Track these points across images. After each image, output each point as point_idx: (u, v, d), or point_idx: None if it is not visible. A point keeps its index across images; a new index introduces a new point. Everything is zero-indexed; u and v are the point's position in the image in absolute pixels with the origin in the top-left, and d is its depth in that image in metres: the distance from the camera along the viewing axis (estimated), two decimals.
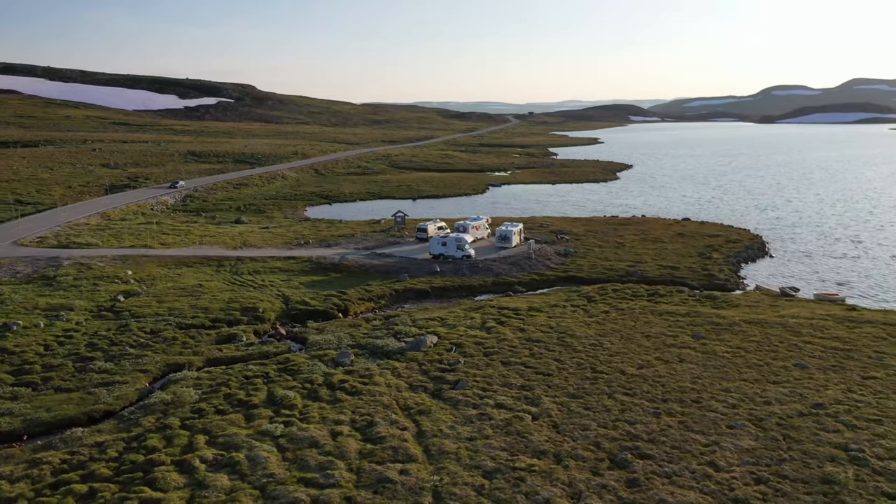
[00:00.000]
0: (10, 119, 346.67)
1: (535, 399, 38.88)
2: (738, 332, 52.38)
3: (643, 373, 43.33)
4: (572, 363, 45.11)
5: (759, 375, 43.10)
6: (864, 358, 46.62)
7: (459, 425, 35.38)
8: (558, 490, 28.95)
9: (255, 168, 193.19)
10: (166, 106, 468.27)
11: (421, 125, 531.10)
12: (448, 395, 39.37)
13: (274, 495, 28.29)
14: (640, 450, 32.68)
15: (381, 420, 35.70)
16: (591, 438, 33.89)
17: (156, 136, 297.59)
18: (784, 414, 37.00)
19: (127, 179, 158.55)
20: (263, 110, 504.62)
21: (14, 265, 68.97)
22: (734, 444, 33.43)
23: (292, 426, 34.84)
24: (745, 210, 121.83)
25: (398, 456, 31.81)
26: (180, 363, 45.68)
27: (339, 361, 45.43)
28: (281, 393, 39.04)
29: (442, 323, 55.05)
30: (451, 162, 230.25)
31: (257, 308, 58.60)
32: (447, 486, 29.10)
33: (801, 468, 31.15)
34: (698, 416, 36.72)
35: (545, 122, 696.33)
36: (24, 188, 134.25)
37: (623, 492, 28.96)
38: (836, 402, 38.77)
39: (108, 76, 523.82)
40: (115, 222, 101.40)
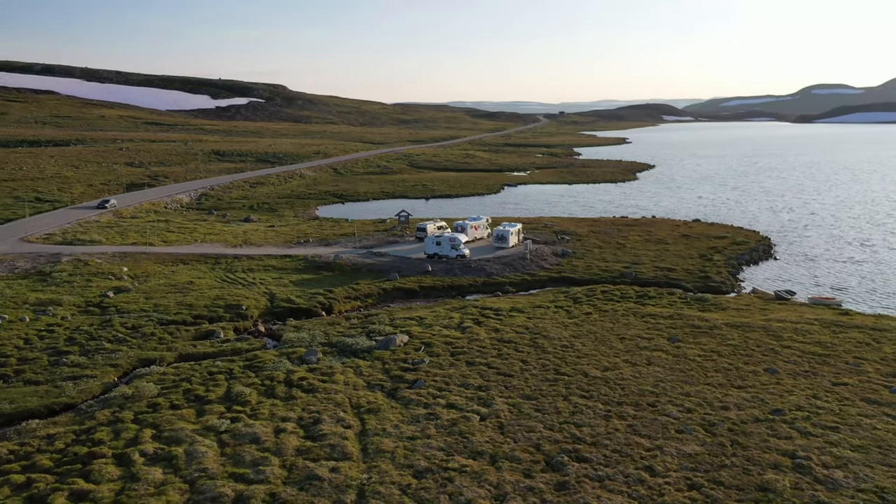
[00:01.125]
0: (47, 119, 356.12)
1: (488, 400, 38.75)
2: (717, 335, 51.49)
3: (606, 375, 42.87)
4: (537, 364, 44.83)
5: (724, 380, 42.34)
6: (841, 364, 45.48)
7: (404, 424, 35.44)
8: (484, 491, 28.83)
9: (275, 167, 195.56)
10: (198, 106, 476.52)
11: (449, 125, 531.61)
12: (402, 395, 39.45)
13: (201, 489, 28.69)
14: (580, 452, 32.36)
15: (327, 418, 35.93)
16: (532, 440, 33.66)
17: (185, 136, 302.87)
18: (739, 419, 36.30)
19: (148, 178, 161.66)
20: (293, 110, 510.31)
21: (15, 261, 70.96)
22: (678, 449, 32.91)
23: (239, 422, 35.26)
24: (759, 212, 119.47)
25: (334, 454, 31.99)
26: (152, 358, 46.54)
27: (306, 359, 45.81)
28: (238, 389, 39.52)
29: (419, 322, 55.13)
30: (471, 162, 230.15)
31: (241, 305, 59.34)
32: (374, 484, 29.18)
33: (739, 475, 30.54)
34: (650, 419, 36.22)
35: (575, 121, 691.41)
36: (47, 186, 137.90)
37: (549, 494, 28.73)
38: (797, 408, 37.91)
39: (142, 77, 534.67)
40: (125, 220, 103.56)
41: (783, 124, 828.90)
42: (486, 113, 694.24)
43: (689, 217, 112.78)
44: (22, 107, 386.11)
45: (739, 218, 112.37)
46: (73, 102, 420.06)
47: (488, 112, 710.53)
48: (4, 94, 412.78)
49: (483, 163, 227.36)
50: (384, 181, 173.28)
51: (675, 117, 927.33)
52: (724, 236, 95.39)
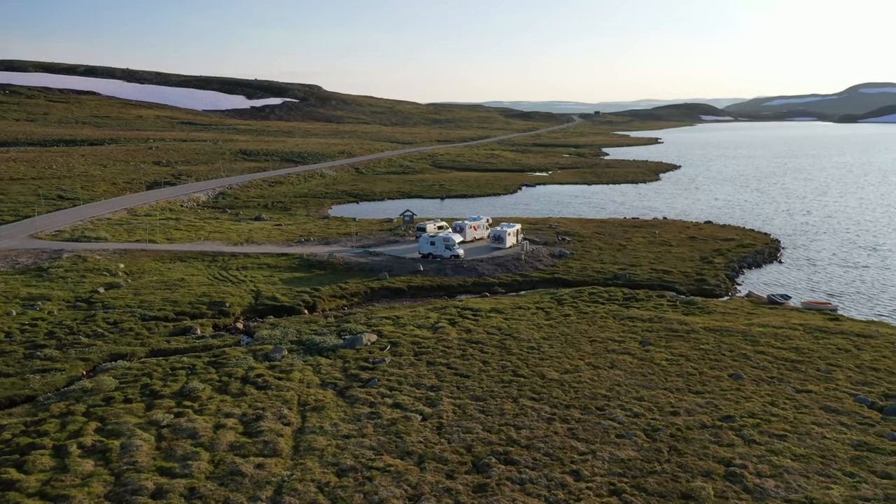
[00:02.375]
0: (87, 119, 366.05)
1: (435, 400, 38.73)
2: (692, 339, 50.60)
3: (564, 378, 42.47)
4: (498, 366, 44.63)
5: (684, 385, 41.60)
6: (812, 370, 44.32)
7: (344, 423, 35.65)
8: (400, 491, 28.86)
9: (297, 166, 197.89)
10: (234, 106, 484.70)
11: (481, 125, 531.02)
12: (351, 393, 39.68)
13: (125, 482, 29.31)
14: (510, 455, 32.16)
15: (270, 415, 36.34)
16: (466, 442, 33.55)
17: (216, 136, 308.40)
18: (685, 425, 35.64)
19: (171, 177, 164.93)
20: (326, 110, 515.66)
21: (18, 256, 73.23)
22: (612, 454, 32.46)
23: (182, 417, 35.89)
24: (774, 214, 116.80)
25: (265, 450, 32.35)
26: (124, 353, 47.60)
27: (270, 356, 46.37)
28: (193, 385, 40.17)
29: (395, 322, 55.32)
30: (494, 162, 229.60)
31: (224, 302, 60.26)
32: (294, 481, 29.44)
33: (666, 482, 30.00)
34: (593, 423, 35.79)
35: (610, 121, 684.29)
36: (71, 184, 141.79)
37: (465, 496, 28.63)
38: (749, 415, 37.06)
39: (181, 78, 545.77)
40: (137, 218, 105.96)
41: (825, 124, 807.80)
42: (519, 113, 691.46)
43: (701, 219, 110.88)
44: (64, 107, 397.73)
45: (753, 220, 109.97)
46: (112, 103, 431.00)
47: (522, 112, 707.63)
48: (48, 95, 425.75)
49: (506, 163, 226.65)
50: (403, 181, 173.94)
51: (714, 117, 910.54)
52: (731, 238, 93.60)
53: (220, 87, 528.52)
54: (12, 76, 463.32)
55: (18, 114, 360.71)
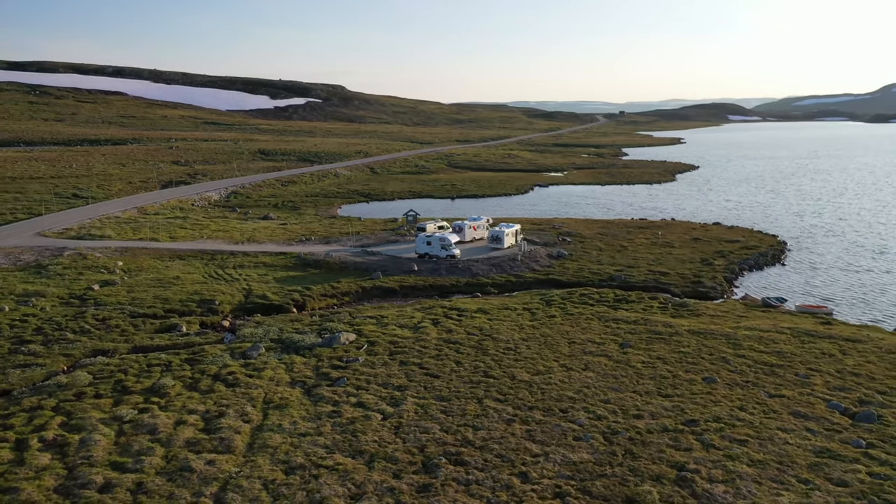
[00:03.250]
0: (113, 119, 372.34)
1: (400, 400, 38.81)
2: (673, 342, 50.05)
3: (534, 379, 42.28)
4: (470, 366, 44.59)
5: (654, 388, 41.17)
6: (790, 375, 43.58)
7: (304, 421, 35.89)
8: (343, 490, 28.99)
9: (312, 166, 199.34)
10: (257, 106, 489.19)
11: (503, 124, 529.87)
12: (318, 392, 39.92)
13: (76, 476, 29.84)
14: (461, 456, 32.12)
15: (232, 412, 36.72)
16: (421, 442, 33.58)
17: (237, 135, 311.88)
18: (646, 429, 35.28)
19: (187, 176, 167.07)
20: (349, 110, 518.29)
21: (21, 254, 74.82)
22: (565, 456, 32.25)
23: (146, 413, 36.41)
24: (785, 216, 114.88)
25: (219, 447, 32.72)
26: (106, 349, 48.39)
27: (247, 354, 46.84)
28: (163, 381, 40.73)
29: (378, 321, 55.51)
30: (510, 162, 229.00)
31: (214, 300, 60.98)
32: (241, 478, 29.74)
33: (614, 485, 29.74)
34: (553, 426, 35.59)
35: (634, 121, 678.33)
36: (87, 183, 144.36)
37: (406, 496, 28.67)
38: (714, 419, 36.57)
39: (206, 78, 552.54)
40: (146, 216, 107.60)
41: (856, 124, 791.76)
42: (543, 113, 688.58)
43: (710, 220, 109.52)
44: (92, 107, 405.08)
45: (762, 222, 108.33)
46: (139, 103, 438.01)
47: (545, 112, 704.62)
48: (77, 95, 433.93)
49: (523, 163, 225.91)
50: (416, 181, 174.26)
51: (742, 117, 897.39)
52: (736, 240, 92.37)
53: (244, 88, 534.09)
54: (43, 77, 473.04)
55: (47, 114, 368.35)
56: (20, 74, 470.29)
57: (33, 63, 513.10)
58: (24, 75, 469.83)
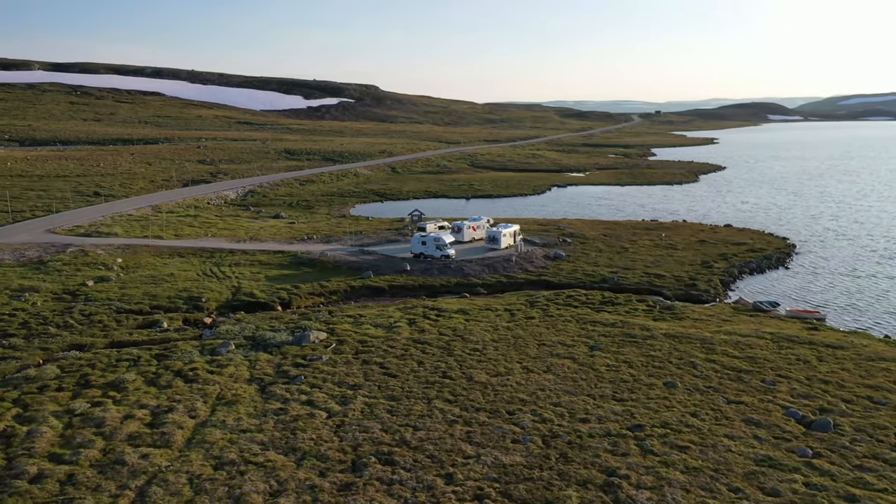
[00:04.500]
0: (149, 119, 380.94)
1: (349, 398, 39.05)
2: (646, 345, 49.35)
3: (492, 381, 42.13)
4: (431, 366, 44.62)
5: (611, 392, 40.67)
6: (756, 381, 42.65)
7: (249, 418, 36.36)
8: (264, 486, 29.32)
9: (335, 165, 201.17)
10: (291, 106, 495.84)
11: (535, 124, 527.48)
12: (272, 389, 40.39)
13: (13, 466, 30.73)
14: (393, 455, 32.20)
15: (182, 408, 37.37)
16: (357, 441, 33.75)
17: (267, 135, 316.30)
18: (588, 433, 34.90)
19: (209, 175, 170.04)
20: (381, 110, 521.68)
21: (27, 250, 77.15)
22: (497, 459, 32.08)
23: (99, 406, 37.30)
24: (800, 218, 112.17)
25: (158, 441, 33.34)
26: (83, 344, 49.66)
27: (216, 351, 47.58)
28: (125, 376, 41.65)
29: (355, 320, 55.89)
30: (533, 162, 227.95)
31: (201, 297, 62.05)
32: (169, 472, 30.29)
33: (538, 489, 29.50)
34: (494, 428, 35.42)
35: (670, 121, 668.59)
36: (111, 181, 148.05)
37: (325, 494, 28.85)
38: (662, 425, 35.99)
39: (242, 78, 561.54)
40: (158, 215, 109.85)
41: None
42: (576, 112, 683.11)
43: (722, 222, 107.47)
44: (130, 108, 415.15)
45: (775, 224, 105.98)
46: (175, 103, 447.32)
47: (579, 111, 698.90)
48: (116, 96, 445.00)
49: (546, 163, 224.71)
50: (435, 180, 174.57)
51: (782, 117, 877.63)
52: (742, 243, 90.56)
53: (278, 88, 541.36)
54: (85, 78, 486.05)
55: (87, 114, 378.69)
56: (63, 76, 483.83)
57: (76, 64, 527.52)
58: (66, 76, 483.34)
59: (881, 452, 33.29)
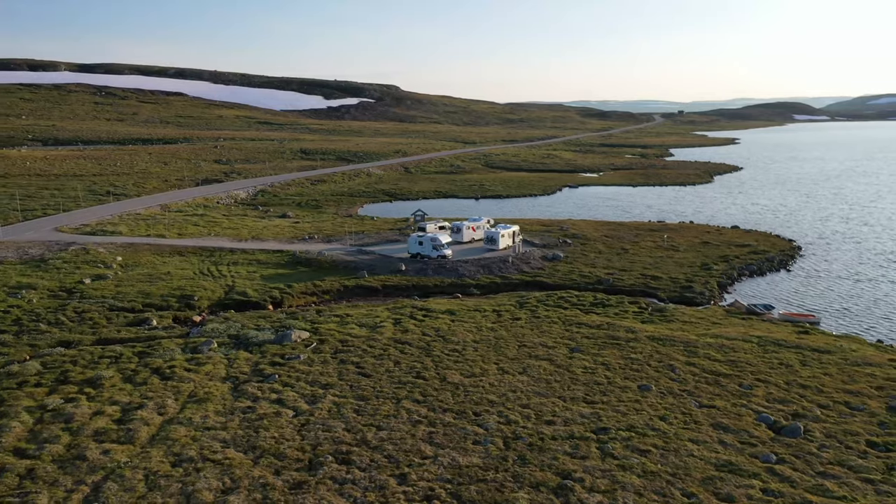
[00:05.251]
0: (171, 119, 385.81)
1: (319, 398, 39.28)
2: (628, 348, 48.99)
3: (464, 382, 42.10)
4: (407, 366, 44.71)
5: (583, 394, 40.42)
6: (733, 386, 42.14)
7: (216, 416, 36.71)
8: (218, 484, 29.60)
9: (349, 165, 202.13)
10: (311, 106, 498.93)
11: (555, 124, 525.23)
12: (244, 387, 40.74)
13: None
14: (350, 455, 32.34)
15: (152, 405, 37.85)
16: (318, 440, 33.94)
17: (286, 135, 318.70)
18: (551, 435, 34.75)
19: (223, 174, 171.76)
20: (401, 109, 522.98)
21: (30, 248, 78.62)
22: (454, 460, 32.07)
23: (71, 402, 37.91)
24: (810, 220, 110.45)
25: (123, 437, 33.82)
26: (70, 341, 50.46)
27: (198, 349, 48.08)
28: (103, 373, 42.29)
29: (341, 319, 56.15)
30: (548, 162, 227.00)
31: (194, 296, 62.73)
32: (127, 468, 30.70)
33: (489, 491, 29.44)
34: (457, 429, 35.40)
35: (692, 121, 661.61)
36: (125, 181, 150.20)
37: (277, 492, 29.05)
38: (628, 428, 35.70)
39: (263, 79, 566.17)
40: (166, 213, 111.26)
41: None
42: (597, 112, 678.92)
43: (729, 223, 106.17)
44: (152, 108, 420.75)
45: (782, 226, 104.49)
46: (197, 104, 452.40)
47: (601, 111, 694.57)
48: (139, 96, 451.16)
49: (560, 163, 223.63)
50: (446, 180, 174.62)
51: (808, 117, 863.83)
52: (746, 245, 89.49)
53: (299, 88, 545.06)
54: (109, 79, 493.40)
55: (110, 114, 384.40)
56: (88, 76, 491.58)
57: (101, 65, 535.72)
58: (91, 77, 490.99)
59: (847, 459, 32.75)
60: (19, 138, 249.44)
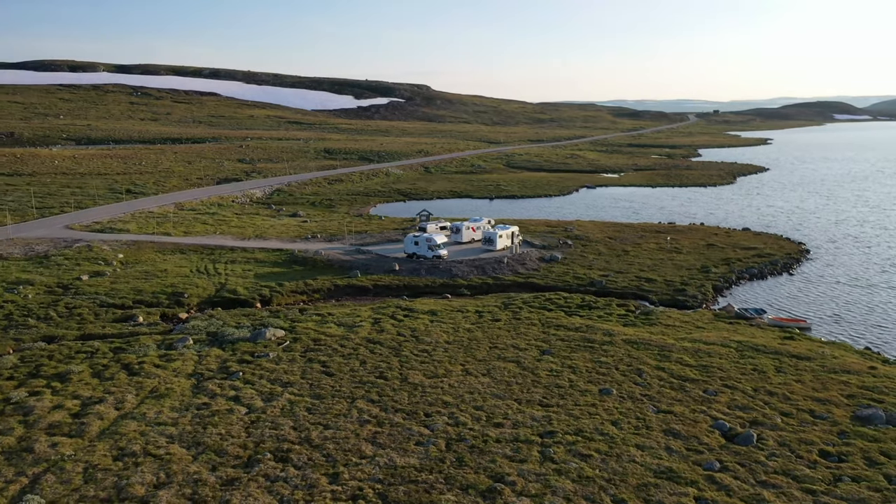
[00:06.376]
0: (203, 118, 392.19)
1: (276, 395, 39.71)
2: (601, 351, 48.50)
3: (425, 382, 42.16)
4: (372, 366, 44.93)
5: (541, 397, 40.16)
6: (697, 391, 41.45)
7: (170, 411, 37.37)
8: (151, 479, 30.14)
9: (369, 165, 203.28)
10: (341, 106, 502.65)
11: (585, 124, 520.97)
12: (205, 384, 41.37)
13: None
14: (290, 452, 32.65)
15: (112, 399, 38.70)
16: (263, 437, 34.32)
17: (312, 134, 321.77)
18: (496, 437, 34.61)
19: (243, 174, 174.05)
20: (431, 109, 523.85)
21: (38, 244, 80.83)
22: (391, 460, 32.16)
23: (35, 396, 38.96)
24: (824, 223, 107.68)
25: (74, 431, 34.66)
26: (55, 335, 51.80)
27: (174, 346, 48.98)
28: (72, 367, 43.35)
29: (322, 318, 56.61)
30: (570, 162, 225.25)
31: (185, 293, 63.86)
32: (69, 461, 31.47)
33: (417, 492, 29.47)
34: (404, 429, 35.48)
35: (727, 120, 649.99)
36: (146, 179, 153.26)
37: (207, 488, 29.48)
38: (576, 432, 35.37)
39: (295, 79, 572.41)
40: (178, 212, 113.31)
41: None
42: (629, 112, 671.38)
43: (741, 225, 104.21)
44: (186, 108, 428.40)
45: (795, 228, 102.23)
46: (230, 103, 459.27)
47: (633, 111, 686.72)
48: (174, 96, 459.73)
49: (582, 164, 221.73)
50: (463, 180, 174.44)
51: (849, 116, 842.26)
52: (752, 247, 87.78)
53: (330, 88, 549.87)
54: (146, 79, 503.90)
55: (145, 114, 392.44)
56: (126, 77, 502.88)
57: (138, 66, 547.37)
58: (129, 77, 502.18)
59: (794, 469, 32.01)
60: (54, 137, 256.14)
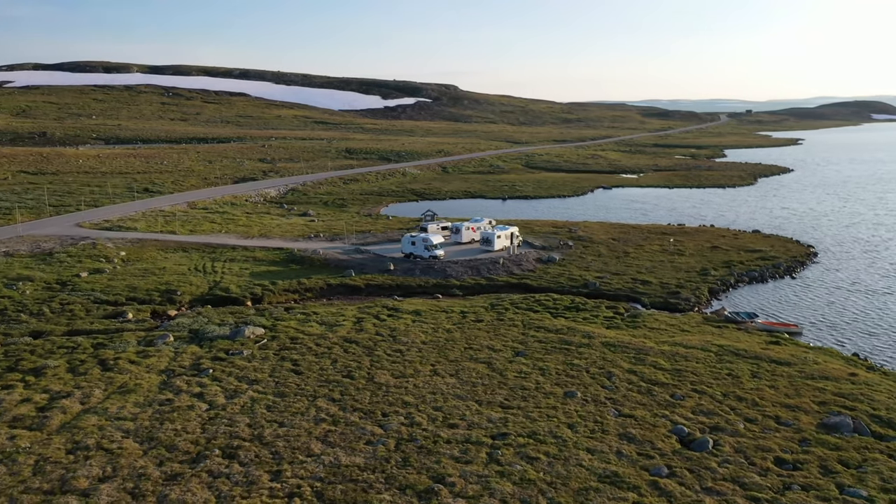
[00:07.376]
0: (232, 119, 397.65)
1: (239, 393, 40.17)
2: (574, 353, 48.15)
3: (390, 382, 42.29)
4: (342, 365, 45.21)
5: (504, 399, 40.03)
6: (665, 395, 40.96)
7: (133, 406, 38.04)
8: (98, 472, 30.73)
9: (387, 164, 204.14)
10: (368, 106, 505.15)
11: (613, 124, 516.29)
12: (173, 381, 42.00)
13: None
14: (239, 450, 33.00)
15: (79, 394, 39.53)
16: (216, 434, 34.76)
17: (335, 134, 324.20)
18: (447, 438, 34.59)
19: (262, 173, 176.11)
20: (457, 109, 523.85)
21: (45, 242, 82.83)
22: (336, 459, 32.34)
23: (7, 390, 39.95)
24: (836, 226, 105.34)
25: (34, 424, 35.48)
26: (43, 331, 53.05)
27: (154, 342, 49.81)
28: (49, 362, 44.37)
29: (306, 317, 57.06)
30: (590, 163, 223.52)
31: (177, 291, 64.91)
32: (22, 453, 32.25)
33: (354, 491, 29.59)
34: (357, 429, 35.65)
35: (760, 120, 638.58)
36: (164, 178, 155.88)
37: (149, 483, 29.94)
38: (529, 434, 35.18)
39: (324, 79, 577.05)
40: (190, 211, 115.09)
41: None
42: (659, 111, 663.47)
43: (751, 227, 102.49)
44: (215, 108, 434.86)
45: (805, 231, 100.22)
46: (258, 104, 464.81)
47: (663, 111, 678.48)
48: (204, 97, 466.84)
49: (603, 164, 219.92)
50: (479, 181, 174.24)
51: (888, 116, 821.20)
52: (758, 250, 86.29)
53: (358, 88, 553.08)
54: (177, 80, 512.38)
55: (175, 114, 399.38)
56: (158, 78, 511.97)
57: (170, 67, 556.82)
58: (161, 78, 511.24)
59: (743, 476, 31.44)
60: (85, 137, 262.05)
